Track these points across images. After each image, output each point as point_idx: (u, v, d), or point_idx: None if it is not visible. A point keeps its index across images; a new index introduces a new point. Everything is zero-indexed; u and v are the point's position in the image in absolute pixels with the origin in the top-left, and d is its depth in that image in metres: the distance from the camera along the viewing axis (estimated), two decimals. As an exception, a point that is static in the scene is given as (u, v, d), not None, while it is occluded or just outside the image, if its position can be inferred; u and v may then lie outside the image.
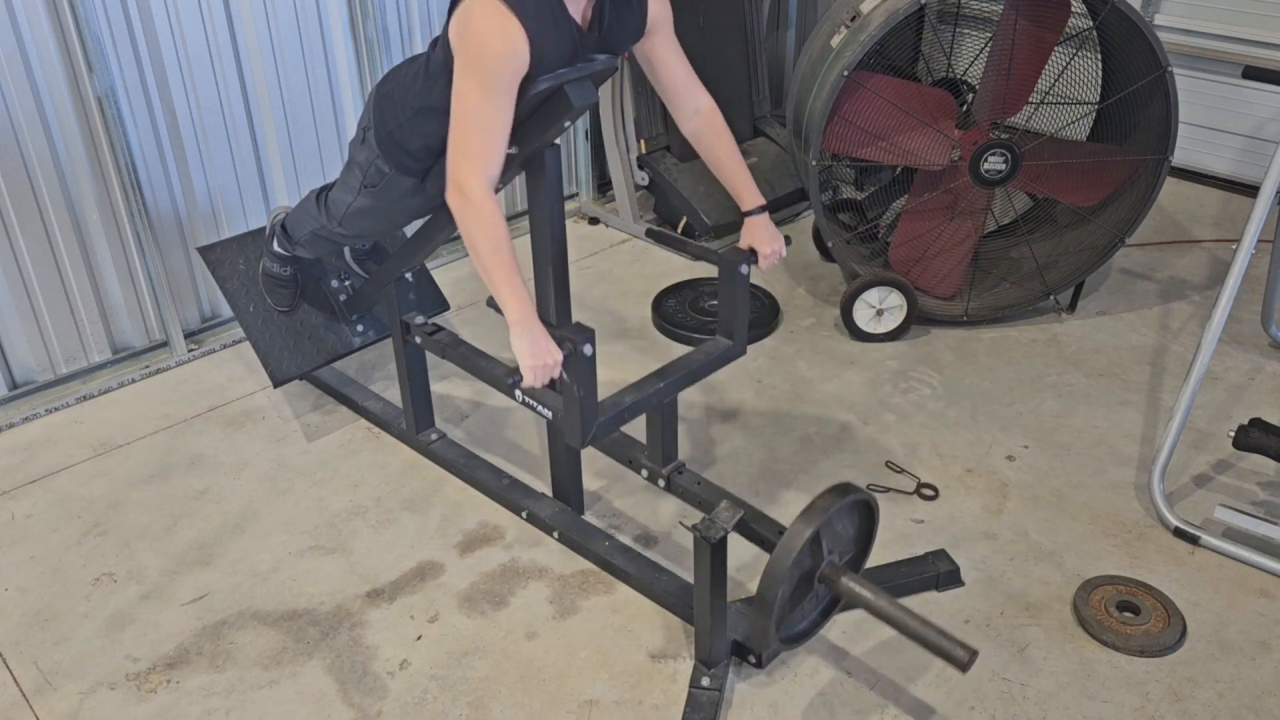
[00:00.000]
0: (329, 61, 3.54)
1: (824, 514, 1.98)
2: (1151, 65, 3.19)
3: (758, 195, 2.37)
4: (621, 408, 2.25)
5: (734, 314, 2.41)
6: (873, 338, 3.49)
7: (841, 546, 2.13)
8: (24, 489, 2.86)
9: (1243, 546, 2.55)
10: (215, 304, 3.59)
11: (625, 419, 2.26)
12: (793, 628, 2.14)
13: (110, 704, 2.23)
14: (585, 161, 4.44)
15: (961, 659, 1.94)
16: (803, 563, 2.02)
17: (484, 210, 2.02)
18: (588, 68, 2.11)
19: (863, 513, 2.15)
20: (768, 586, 1.96)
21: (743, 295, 2.39)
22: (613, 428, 2.25)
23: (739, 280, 2.36)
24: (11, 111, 2.93)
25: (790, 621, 2.12)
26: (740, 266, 2.35)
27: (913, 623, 2.00)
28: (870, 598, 2.03)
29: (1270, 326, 3.35)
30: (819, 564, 2.07)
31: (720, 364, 2.43)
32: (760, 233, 2.37)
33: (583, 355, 2.09)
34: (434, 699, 2.23)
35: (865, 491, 2.07)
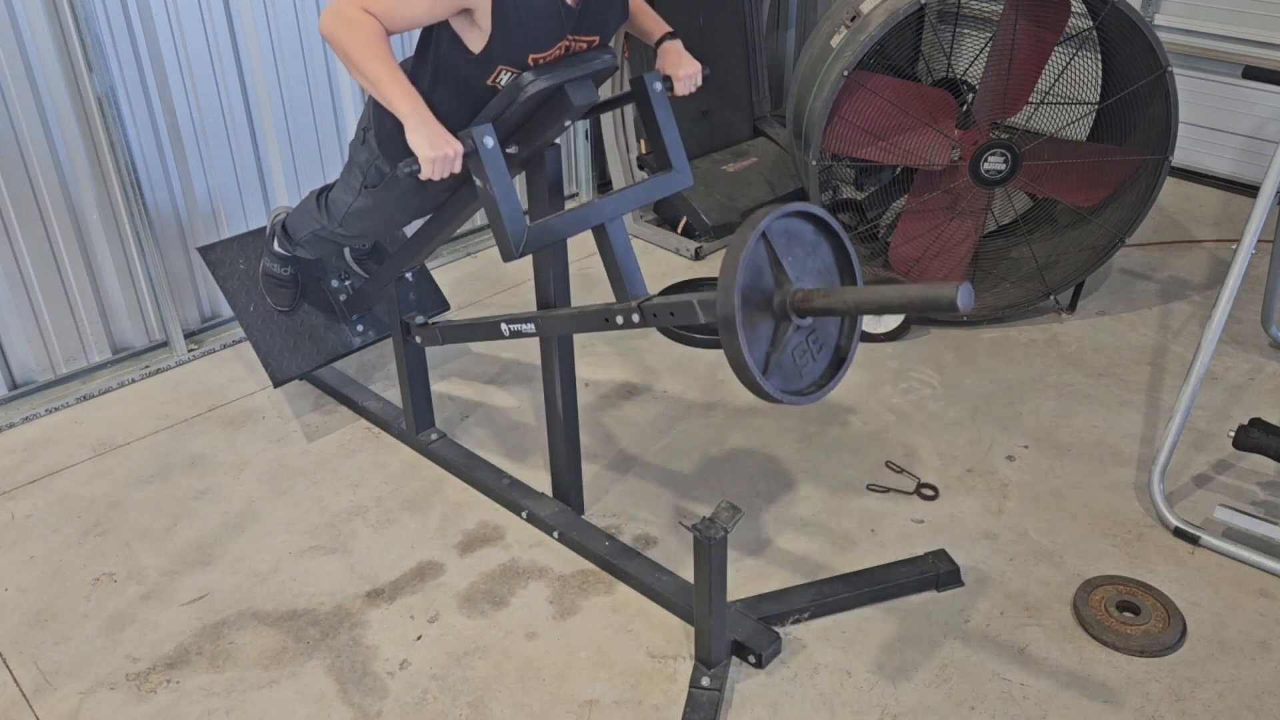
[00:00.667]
0: (329, 61, 3.54)
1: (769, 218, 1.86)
2: (1151, 65, 3.19)
3: (664, 24, 2.37)
4: (553, 218, 2.17)
5: (662, 138, 2.31)
6: (873, 338, 3.49)
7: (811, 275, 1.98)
8: (24, 489, 2.86)
9: (1243, 546, 2.55)
10: (215, 304, 3.59)
11: (559, 232, 2.17)
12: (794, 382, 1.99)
13: (110, 704, 2.23)
14: (585, 161, 4.44)
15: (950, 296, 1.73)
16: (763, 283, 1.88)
17: (358, 20, 1.95)
18: (587, 66, 2.11)
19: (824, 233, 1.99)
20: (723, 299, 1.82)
21: (665, 116, 2.30)
22: (545, 238, 2.14)
23: (657, 101, 2.28)
24: (11, 111, 2.93)
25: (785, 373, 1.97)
26: (654, 84, 2.28)
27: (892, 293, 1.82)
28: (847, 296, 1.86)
29: (1270, 326, 3.35)
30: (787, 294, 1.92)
31: (663, 191, 2.34)
32: (673, 56, 2.33)
33: (484, 147, 2.02)
34: (434, 699, 2.23)
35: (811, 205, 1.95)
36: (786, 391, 1.95)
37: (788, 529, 2.68)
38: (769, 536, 2.65)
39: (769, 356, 1.94)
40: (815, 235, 1.99)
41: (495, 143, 2.05)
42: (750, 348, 1.88)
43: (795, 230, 1.95)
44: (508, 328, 2.44)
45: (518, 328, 2.41)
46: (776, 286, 1.92)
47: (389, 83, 1.99)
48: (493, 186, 2.06)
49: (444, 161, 2.02)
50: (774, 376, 1.94)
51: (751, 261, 1.87)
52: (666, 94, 2.32)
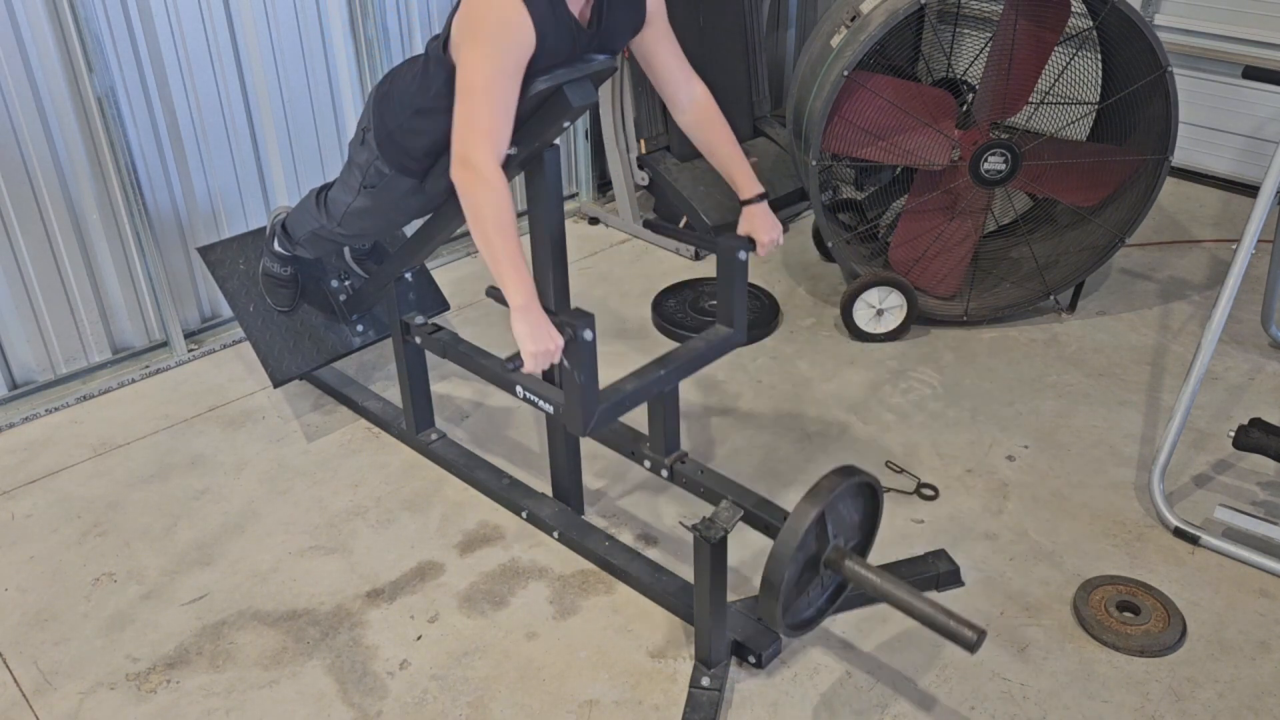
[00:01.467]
0: (329, 61, 3.54)
1: (829, 494, 1.96)
2: (1151, 65, 3.19)
3: (756, 183, 2.37)
4: (623, 394, 2.24)
5: (732, 301, 2.40)
6: (873, 338, 3.49)
7: (846, 531, 2.11)
8: (24, 489, 2.87)
9: (1243, 546, 2.55)
10: (215, 304, 3.59)
11: (626, 406, 2.24)
12: (799, 615, 2.10)
13: (110, 704, 2.23)
14: (585, 161, 4.44)
15: (970, 639, 1.89)
16: (808, 545, 2.00)
17: (493, 186, 1.98)
18: (586, 67, 2.11)
19: (867, 496, 2.13)
20: (774, 568, 1.94)
21: (741, 282, 2.38)
22: (614, 415, 2.23)
23: (737, 267, 2.35)
24: (11, 111, 2.93)
25: (796, 609, 2.08)
26: (739, 253, 2.34)
27: (920, 605, 1.96)
28: (877, 581, 2.00)
29: (1270, 326, 3.35)
30: (824, 548, 2.04)
31: (720, 352, 2.42)
32: (759, 220, 2.36)
33: (583, 340, 2.07)
34: (434, 699, 2.23)
35: (868, 474, 2.05)
36: (791, 626, 2.08)
37: (788, 529, 2.68)
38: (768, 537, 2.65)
39: (793, 602, 2.06)
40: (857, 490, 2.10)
41: (594, 336, 2.10)
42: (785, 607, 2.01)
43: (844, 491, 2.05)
44: (524, 393, 2.37)
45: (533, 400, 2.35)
46: (815, 540, 2.03)
47: (507, 266, 2.01)
48: (583, 375, 2.11)
49: (545, 356, 2.04)
50: (789, 615, 2.06)
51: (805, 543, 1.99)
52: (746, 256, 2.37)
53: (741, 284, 2.39)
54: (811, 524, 1.95)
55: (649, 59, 2.30)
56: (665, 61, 2.30)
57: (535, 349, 2.03)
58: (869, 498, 2.14)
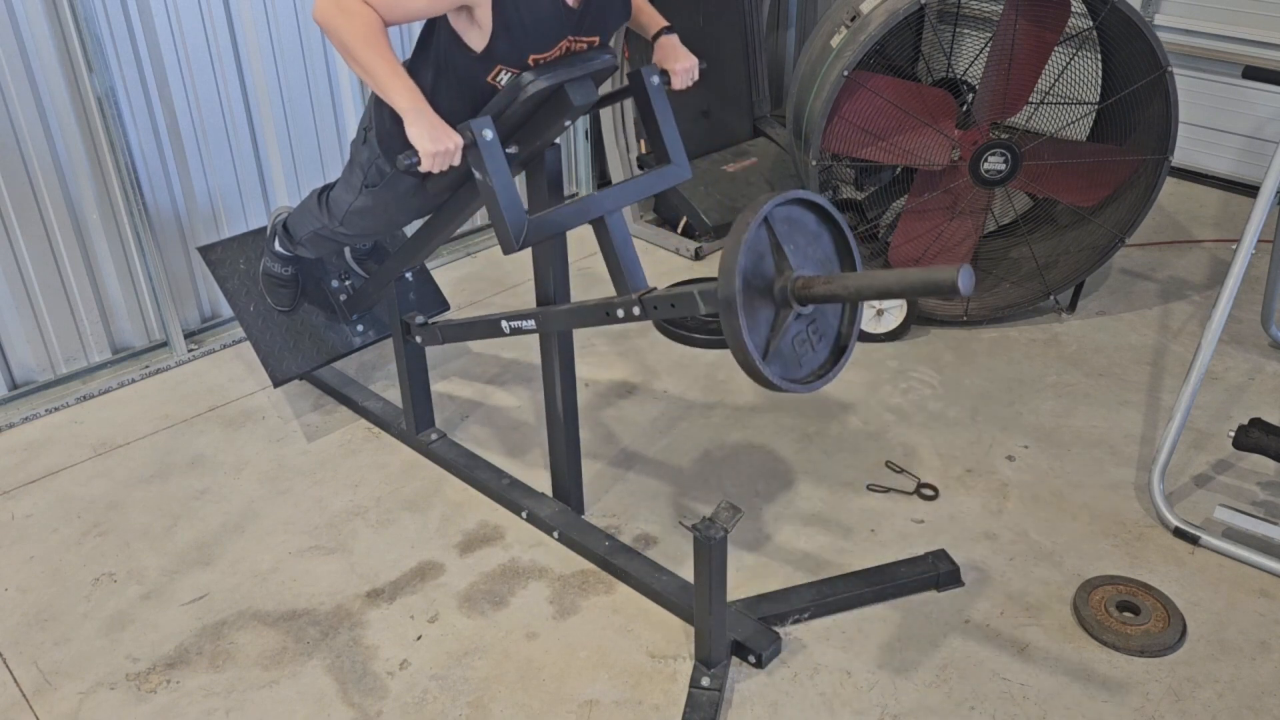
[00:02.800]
0: (329, 61, 3.54)
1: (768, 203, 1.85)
2: (1151, 65, 3.19)
3: (661, 18, 2.37)
4: (552, 210, 2.17)
5: (660, 132, 2.30)
6: (873, 338, 3.49)
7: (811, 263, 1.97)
8: (24, 489, 2.86)
9: (1243, 546, 2.55)
10: (215, 304, 3.59)
11: (559, 225, 2.17)
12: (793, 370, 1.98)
13: (110, 704, 2.23)
14: (585, 161, 4.44)
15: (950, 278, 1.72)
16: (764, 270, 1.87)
17: (356, 10, 1.93)
18: (587, 66, 2.11)
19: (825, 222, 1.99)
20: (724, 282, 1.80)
21: (663, 109, 2.30)
22: (544, 231, 2.14)
23: (655, 95, 2.28)
24: (11, 111, 2.93)
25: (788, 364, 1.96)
26: (651, 78, 2.28)
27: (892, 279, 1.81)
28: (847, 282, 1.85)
29: (1270, 326, 3.35)
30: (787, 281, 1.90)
31: (661, 184, 2.33)
32: (670, 50, 2.34)
33: (483, 140, 2.01)
34: (434, 699, 2.23)
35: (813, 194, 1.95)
36: (786, 379, 1.94)
37: (788, 529, 2.68)
38: (769, 536, 2.65)
39: (769, 343, 1.93)
40: (817, 225, 1.99)
41: (494, 135, 2.05)
42: (751, 332, 1.87)
43: (797, 218, 1.95)
44: (508, 325, 2.43)
45: (518, 324, 2.40)
46: (777, 273, 1.91)
47: (388, 76, 1.98)
48: (492, 179, 2.05)
49: (444, 155, 2.01)
50: (774, 363, 1.93)
51: (753, 246, 1.86)
52: (664, 88, 2.31)
53: (664, 112, 2.30)
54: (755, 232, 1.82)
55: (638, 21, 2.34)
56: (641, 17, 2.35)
57: (434, 149, 1.99)
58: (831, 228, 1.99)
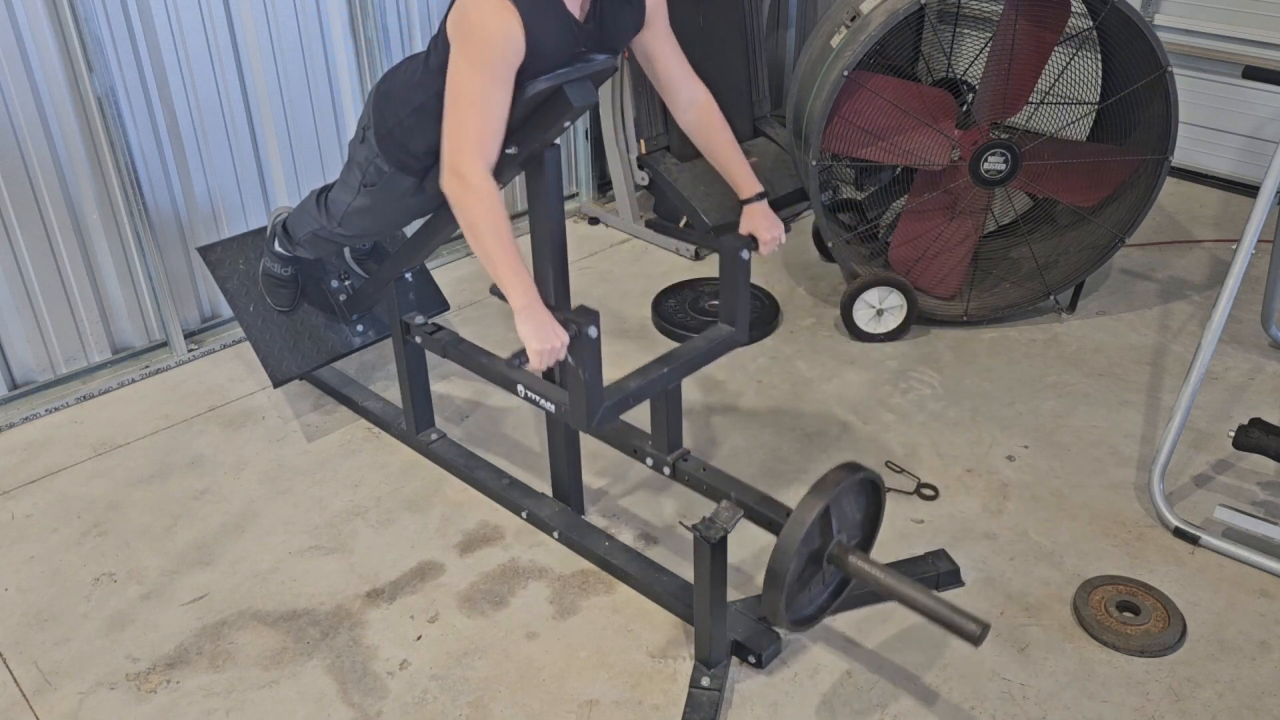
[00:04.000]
0: (329, 61, 3.54)
1: (835, 489, 1.96)
2: (1151, 65, 3.19)
3: (756, 183, 2.38)
4: (626, 392, 2.24)
5: (735, 300, 2.40)
6: (873, 338, 3.49)
7: (849, 528, 2.11)
8: (24, 489, 2.86)
9: (1243, 546, 2.55)
10: (215, 304, 3.59)
11: (630, 403, 2.25)
12: (801, 611, 2.10)
13: (110, 704, 2.23)
14: (585, 161, 4.44)
15: (974, 633, 1.89)
16: (812, 540, 2.00)
17: (484, 195, 2.01)
18: (587, 67, 2.11)
19: (869, 493, 2.13)
20: (779, 560, 1.94)
21: (743, 281, 2.38)
22: (617, 411, 2.23)
23: (740, 266, 2.35)
24: (11, 111, 2.93)
25: (798, 605, 2.08)
26: (741, 252, 2.34)
27: (924, 599, 1.96)
28: (881, 576, 2.00)
29: (1270, 326, 3.35)
30: (828, 543, 2.04)
31: (722, 350, 2.42)
32: (760, 219, 2.37)
33: (587, 337, 2.08)
34: (434, 699, 2.23)
35: (872, 471, 2.06)
36: (794, 621, 2.08)
37: (788, 529, 2.68)
38: (769, 536, 2.65)
39: (796, 597, 2.06)
40: (859, 488, 2.10)
41: (599, 332, 2.11)
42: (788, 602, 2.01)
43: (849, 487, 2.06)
44: (525, 392, 2.36)
45: (535, 399, 2.34)
46: (819, 535, 2.03)
47: (506, 269, 2.03)
48: (587, 372, 2.12)
49: (551, 354, 2.05)
50: (792, 609, 2.06)
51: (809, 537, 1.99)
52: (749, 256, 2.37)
53: (744, 283, 2.39)
54: (817, 518, 1.95)
55: (650, 59, 2.30)
56: (666, 63, 2.30)
57: (541, 347, 2.03)
58: (872, 494, 2.14)
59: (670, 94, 2.35)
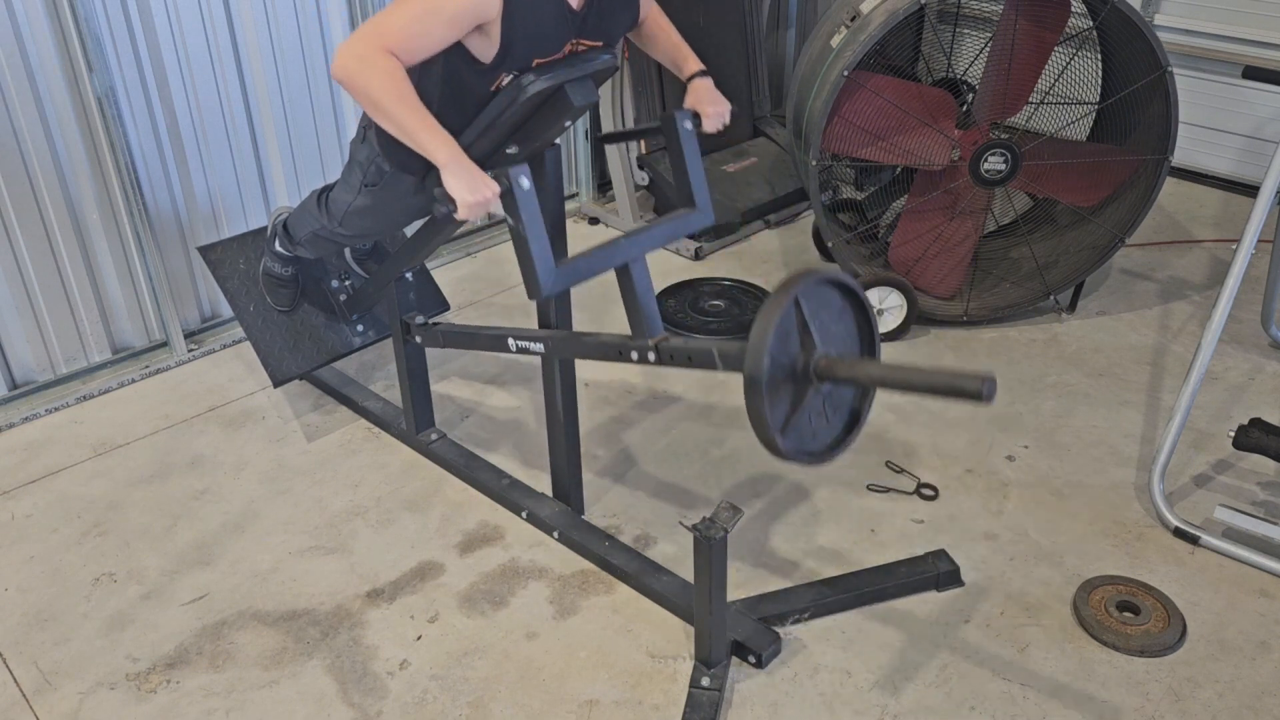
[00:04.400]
0: (329, 62, 3.54)
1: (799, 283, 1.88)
2: (1151, 65, 3.19)
3: (697, 61, 2.38)
4: (580, 257, 2.19)
5: (687, 175, 2.33)
6: (873, 338, 3.49)
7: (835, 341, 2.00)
8: (24, 489, 2.86)
9: (1243, 546, 2.55)
10: (215, 304, 3.59)
11: (583, 272, 2.19)
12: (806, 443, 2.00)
13: (110, 704, 2.23)
14: (585, 161, 4.44)
15: (978, 388, 1.75)
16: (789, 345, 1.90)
17: (377, 64, 1.92)
18: (588, 66, 2.11)
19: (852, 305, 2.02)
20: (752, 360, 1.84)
21: (693, 154, 2.32)
22: (572, 278, 2.16)
23: (685, 138, 2.30)
24: (11, 111, 2.93)
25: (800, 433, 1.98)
26: (684, 122, 2.30)
27: (919, 376, 1.84)
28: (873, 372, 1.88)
29: (1270, 326, 3.35)
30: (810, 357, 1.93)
31: (685, 230, 2.35)
32: (704, 94, 2.36)
33: (519, 187, 2.03)
34: (434, 699, 2.23)
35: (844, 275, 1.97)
36: (801, 451, 1.98)
37: (788, 529, 2.68)
38: (769, 536, 2.65)
39: (788, 418, 1.96)
40: (842, 301, 2.03)
41: (531, 184, 2.06)
42: (772, 409, 1.90)
43: (824, 296, 1.98)
44: (515, 343, 2.41)
45: (525, 345, 2.38)
46: (801, 349, 1.94)
47: (420, 128, 1.98)
48: (525, 227, 2.07)
49: (481, 205, 2.02)
50: (790, 436, 1.96)
51: (782, 327, 1.89)
52: (695, 131, 2.33)
53: (694, 156, 2.32)
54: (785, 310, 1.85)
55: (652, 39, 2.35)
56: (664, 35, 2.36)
57: (472, 199, 2.00)
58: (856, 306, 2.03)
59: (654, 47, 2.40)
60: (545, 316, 2.48)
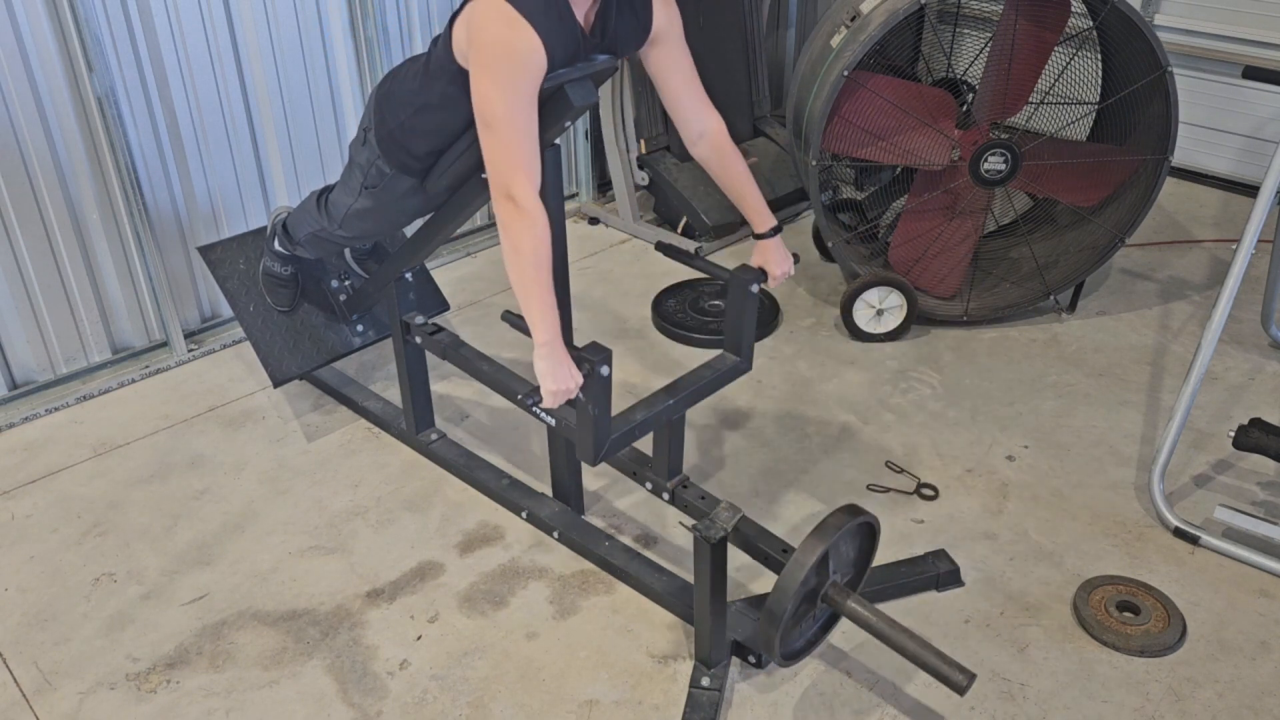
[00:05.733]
0: (329, 61, 3.54)
1: (834, 533, 2.00)
2: (1151, 65, 3.19)
3: (770, 217, 2.38)
4: (632, 424, 2.26)
5: (741, 331, 2.42)
6: (873, 338, 3.49)
7: (843, 566, 2.15)
8: (24, 489, 2.87)
9: (1243, 546, 2.55)
10: (215, 304, 3.59)
11: (635, 436, 2.27)
12: (792, 645, 2.15)
13: (110, 704, 2.23)
14: (585, 161, 4.44)
15: (960, 683, 1.97)
16: (809, 581, 2.04)
17: (537, 221, 1.98)
18: (588, 67, 2.11)
19: (865, 534, 2.17)
20: (778, 601, 1.98)
21: (751, 314, 2.40)
22: (623, 444, 2.25)
23: (748, 299, 2.37)
24: (11, 111, 2.93)
25: (790, 639, 2.13)
26: (751, 285, 2.36)
27: (912, 644, 2.03)
28: (873, 620, 2.06)
29: (1270, 326, 3.35)
30: (823, 583, 2.09)
31: (727, 380, 2.44)
32: (772, 254, 2.39)
33: (599, 376, 2.09)
34: (434, 699, 2.23)
35: (870, 514, 2.10)
36: (784, 655, 2.12)
37: (788, 529, 2.68)
38: (769, 536, 2.65)
39: (789, 631, 2.10)
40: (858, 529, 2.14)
41: (610, 371, 2.11)
42: (783, 637, 2.05)
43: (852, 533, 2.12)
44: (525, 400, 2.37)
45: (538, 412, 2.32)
46: (816, 575, 2.07)
47: (538, 303, 2.01)
48: (594, 409, 2.13)
49: (564, 394, 2.05)
50: (783, 644, 2.10)
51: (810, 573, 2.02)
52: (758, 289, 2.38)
53: (751, 315, 2.40)
54: (816, 561, 1.99)
55: (662, 80, 2.27)
56: (678, 87, 2.26)
57: (555, 388, 2.03)
58: (868, 536, 2.18)
59: (681, 120, 2.31)
60: None
